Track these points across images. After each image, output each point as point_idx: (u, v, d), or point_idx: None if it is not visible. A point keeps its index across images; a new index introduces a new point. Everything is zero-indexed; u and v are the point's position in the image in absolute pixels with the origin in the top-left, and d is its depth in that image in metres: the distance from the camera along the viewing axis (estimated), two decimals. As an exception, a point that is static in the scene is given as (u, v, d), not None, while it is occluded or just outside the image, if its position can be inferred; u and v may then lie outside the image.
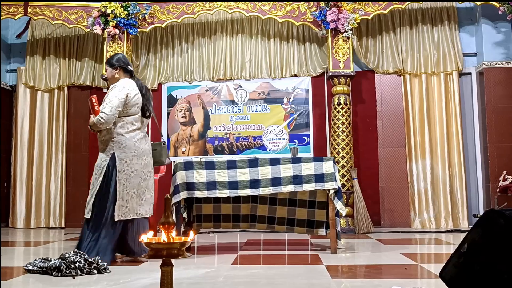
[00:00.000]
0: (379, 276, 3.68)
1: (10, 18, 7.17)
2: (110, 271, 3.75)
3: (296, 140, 7.42)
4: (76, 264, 3.66)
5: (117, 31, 6.84)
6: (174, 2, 7.00)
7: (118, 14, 6.78)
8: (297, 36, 7.47)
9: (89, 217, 4.18)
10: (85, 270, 3.66)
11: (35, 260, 3.93)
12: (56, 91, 7.89)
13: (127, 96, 4.28)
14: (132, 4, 6.84)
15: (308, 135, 7.42)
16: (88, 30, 7.08)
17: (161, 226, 2.16)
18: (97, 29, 6.86)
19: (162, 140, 4.81)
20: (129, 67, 4.52)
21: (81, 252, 3.87)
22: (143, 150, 4.35)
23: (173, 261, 2.19)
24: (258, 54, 7.54)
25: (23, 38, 8.02)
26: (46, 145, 7.84)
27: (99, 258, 3.81)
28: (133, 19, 6.85)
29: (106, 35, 6.88)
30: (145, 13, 6.94)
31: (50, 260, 3.80)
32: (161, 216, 2.22)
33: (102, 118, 4.17)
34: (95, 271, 3.68)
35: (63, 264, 3.64)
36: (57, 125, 7.84)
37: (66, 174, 7.78)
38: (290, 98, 7.50)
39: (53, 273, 3.62)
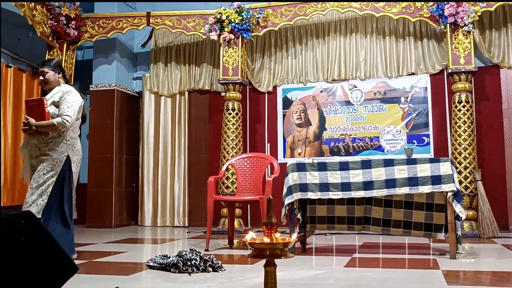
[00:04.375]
0: (502, 284, 3.42)
1: (135, 29, 7.65)
2: (225, 269, 3.86)
3: (415, 141, 7.17)
4: (192, 262, 3.82)
5: (232, 36, 7.03)
6: (286, 4, 7.06)
7: (232, 20, 6.97)
8: (414, 32, 7.21)
9: (40, 216, 4.18)
10: (200, 268, 3.80)
11: (156, 256, 4.15)
12: (177, 96, 8.28)
13: (81, 103, 4.49)
14: (246, 9, 7.00)
15: (427, 135, 7.14)
16: (205, 36, 7.36)
17: (264, 227, 2.19)
18: (214, 35, 7.09)
19: None
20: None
21: (197, 250, 4.03)
22: (82, 155, 4.66)
23: (286, 262, 2.22)
24: (373, 53, 7.39)
25: (147, 47, 8.53)
26: (170, 147, 8.25)
27: (213, 256, 3.94)
28: (247, 24, 7.01)
29: (222, 41, 7.10)
30: (259, 17, 7.07)
31: (169, 257, 4.00)
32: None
33: (67, 121, 4.32)
34: (210, 269, 3.81)
35: (180, 262, 3.82)
36: (179, 128, 8.23)
37: (189, 175, 8.13)
38: (407, 97, 7.26)
39: (171, 269, 3.81)
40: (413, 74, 7.23)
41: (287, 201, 4.67)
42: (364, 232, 5.54)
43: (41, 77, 4.61)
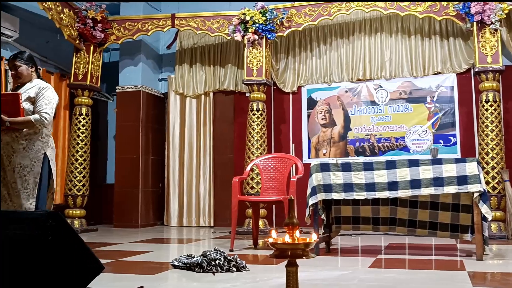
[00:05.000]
0: (529, 286, 3.38)
1: (160, 30, 7.72)
2: (249, 269, 3.87)
3: (441, 141, 7.09)
4: (216, 262, 3.84)
5: (256, 37, 7.05)
6: (310, 5, 7.05)
7: (256, 21, 6.98)
8: (440, 31, 7.13)
9: None
10: (224, 268, 3.82)
11: (181, 256, 4.19)
12: (202, 97, 8.33)
13: (57, 100, 4.29)
14: (270, 10, 7.02)
15: (454, 135, 7.05)
16: (230, 37, 7.38)
17: (285, 227, 2.20)
18: (238, 36, 7.12)
19: None
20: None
21: (221, 250, 4.05)
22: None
23: (310, 262, 2.22)
24: (399, 52, 7.33)
25: (172, 49, 8.61)
26: (195, 148, 8.30)
27: (237, 256, 3.96)
28: (271, 25, 7.02)
29: (246, 42, 7.12)
30: (282, 18, 7.07)
31: (193, 257, 4.04)
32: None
33: (46, 119, 4.12)
34: (234, 269, 3.83)
35: (204, 261, 3.85)
36: (204, 129, 8.27)
37: (214, 176, 8.17)
38: (433, 97, 7.19)
39: (196, 269, 3.84)
40: (439, 73, 7.16)
41: (311, 201, 4.66)
42: (390, 233, 5.50)
43: (12, 71, 4.30)
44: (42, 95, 4.18)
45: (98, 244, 5.75)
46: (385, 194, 4.51)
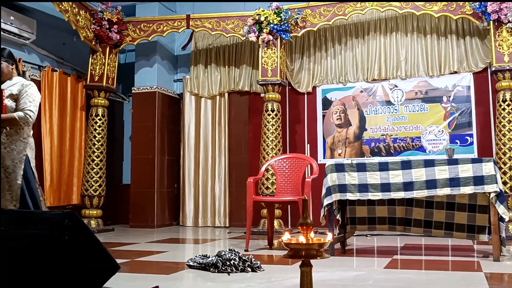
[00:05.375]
0: (547, 287, 3.35)
1: (175, 31, 7.76)
2: (263, 270, 3.87)
3: (457, 141, 7.03)
4: (231, 262, 3.85)
5: (270, 37, 7.04)
6: (325, 5, 7.04)
7: (271, 21, 6.98)
8: (456, 30, 7.08)
9: None
10: (239, 268, 3.83)
11: (196, 256, 4.21)
12: (217, 97, 8.35)
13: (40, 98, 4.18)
14: (284, 10, 7.01)
15: (471, 135, 6.99)
16: (244, 38, 7.39)
17: (299, 227, 2.20)
18: (252, 37, 7.12)
19: None
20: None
21: (236, 250, 4.06)
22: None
23: (324, 262, 2.22)
24: (414, 52, 7.28)
25: (188, 49, 8.65)
26: (210, 148, 8.33)
27: (252, 257, 3.96)
28: (286, 25, 7.01)
29: (260, 42, 7.13)
30: (297, 18, 7.06)
31: (209, 257, 4.05)
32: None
33: (30, 116, 4.04)
34: (249, 269, 3.83)
35: (219, 261, 3.86)
36: (219, 129, 8.30)
37: (229, 176, 8.19)
38: (450, 96, 7.13)
39: (211, 269, 3.85)
40: (455, 72, 7.10)
41: (326, 202, 4.66)
42: (405, 234, 5.48)
43: None
44: (26, 93, 4.11)
45: (114, 244, 5.79)
46: (401, 195, 4.49)
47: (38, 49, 7.32)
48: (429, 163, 4.41)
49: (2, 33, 6.49)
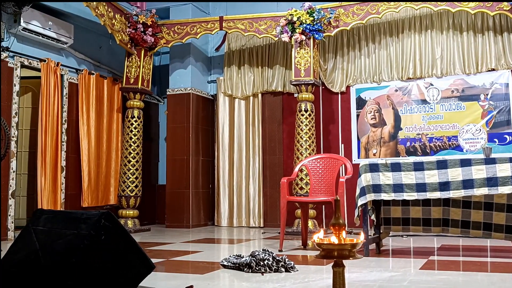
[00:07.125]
0: None
1: (208, 33, 7.81)
2: (297, 270, 3.88)
3: (496, 139, 6.89)
4: (265, 262, 3.87)
5: (303, 37, 7.03)
6: (358, 3, 6.98)
7: (304, 21, 6.97)
8: (493, 26, 6.93)
9: None
10: (273, 268, 3.84)
11: (230, 256, 4.24)
12: (251, 98, 8.38)
13: None
14: (317, 10, 6.99)
15: (510, 134, 6.84)
16: (277, 38, 7.39)
17: (331, 227, 2.19)
18: (285, 37, 7.12)
19: None
20: None
21: (269, 250, 4.08)
22: None
23: (359, 263, 2.22)
24: (450, 50, 7.16)
25: (221, 51, 8.70)
26: (244, 149, 8.36)
27: (285, 257, 3.97)
28: (318, 24, 6.98)
29: (293, 42, 7.12)
30: (330, 18, 7.03)
31: (242, 257, 4.07)
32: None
33: None
34: (283, 269, 3.84)
35: (253, 261, 3.88)
36: (253, 129, 8.33)
37: (263, 176, 8.22)
38: (487, 94, 6.99)
39: (245, 269, 3.87)
40: (493, 70, 6.96)
41: (360, 202, 4.63)
42: (442, 234, 5.39)
43: None
44: None
45: (150, 244, 5.88)
46: (437, 195, 4.42)
47: (76, 53, 7.47)
48: (465, 163, 4.34)
49: (41, 38, 6.72)
